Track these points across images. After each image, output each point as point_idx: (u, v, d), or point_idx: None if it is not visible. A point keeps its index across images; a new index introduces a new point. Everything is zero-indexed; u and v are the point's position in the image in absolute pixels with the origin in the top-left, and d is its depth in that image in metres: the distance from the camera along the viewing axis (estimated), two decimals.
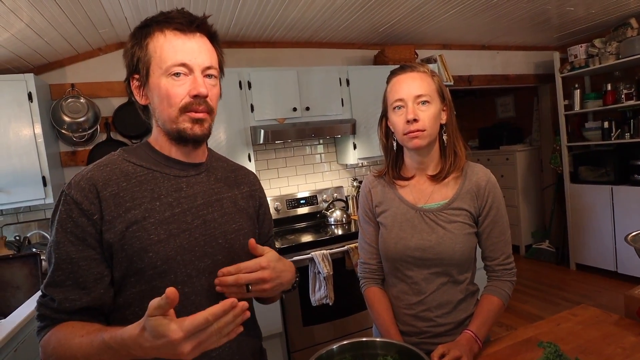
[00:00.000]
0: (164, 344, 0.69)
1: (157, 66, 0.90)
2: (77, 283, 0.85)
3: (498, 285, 1.27)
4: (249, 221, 1.08)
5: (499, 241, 1.27)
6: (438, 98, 1.24)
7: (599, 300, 3.71)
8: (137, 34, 0.94)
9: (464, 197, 1.25)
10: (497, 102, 6.03)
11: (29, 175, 2.53)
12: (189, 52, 0.90)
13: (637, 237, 1.27)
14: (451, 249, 1.21)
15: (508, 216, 1.31)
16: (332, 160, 3.82)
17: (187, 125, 0.92)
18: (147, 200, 0.91)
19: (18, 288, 2.23)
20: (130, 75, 0.95)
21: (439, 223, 1.24)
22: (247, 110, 3.05)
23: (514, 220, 5.19)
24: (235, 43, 3.41)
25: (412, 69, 1.24)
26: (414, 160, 1.31)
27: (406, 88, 1.22)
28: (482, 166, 1.32)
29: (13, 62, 2.65)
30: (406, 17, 3.21)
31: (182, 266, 0.91)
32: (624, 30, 3.77)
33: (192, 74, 0.91)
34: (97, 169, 0.92)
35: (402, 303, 1.30)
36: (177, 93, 0.90)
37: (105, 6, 2.33)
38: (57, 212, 0.88)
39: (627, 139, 3.90)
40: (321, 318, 2.93)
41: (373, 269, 1.38)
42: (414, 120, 1.19)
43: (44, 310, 0.86)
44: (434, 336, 1.26)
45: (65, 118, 2.82)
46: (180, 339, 0.68)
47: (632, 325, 1.23)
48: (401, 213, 1.28)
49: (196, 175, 1.01)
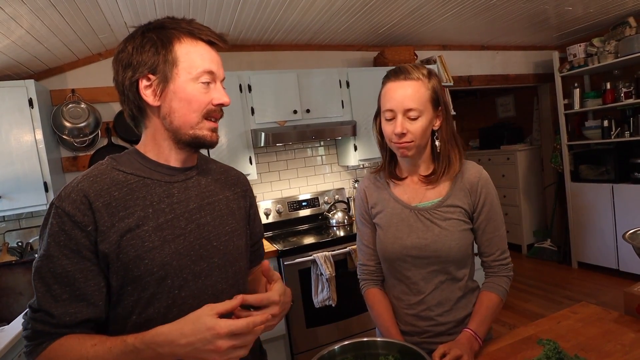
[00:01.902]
0: (205, 337, 0.75)
1: (186, 71, 0.92)
2: (74, 296, 0.84)
3: (495, 281, 1.28)
4: (241, 222, 1.09)
5: (494, 237, 1.28)
6: (431, 107, 1.21)
7: (601, 298, 3.70)
8: (157, 34, 0.92)
9: (458, 194, 1.26)
10: (498, 102, 6.04)
11: (30, 181, 2.54)
12: (216, 63, 0.96)
13: (635, 234, 1.27)
14: (447, 246, 1.22)
15: (510, 216, 1.32)
16: (333, 162, 3.83)
17: (206, 132, 0.95)
18: (139, 208, 0.91)
19: (21, 294, 2.24)
20: (141, 74, 0.91)
21: (434, 221, 1.24)
22: (247, 113, 3.07)
23: (516, 219, 5.18)
24: (235, 46, 3.43)
25: (407, 76, 1.20)
26: (405, 162, 1.32)
27: (397, 99, 1.19)
28: (474, 163, 1.32)
29: (13, 68, 2.67)
30: (405, 18, 3.23)
31: (179, 271, 0.92)
32: (622, 29, 3.78)
33: (214, 83, 0.95)
34: (87, 179, 0.90)
35: (403, 303, 1.31)
36: (204, 100, 0.93)
37: (105, 12, 2.35)
38: (48, 225, 0.86)
39: (627, 137, 3.90)
40: (324, 319, 2.93)
41: (372, 270, 1.39)
42: (402, 134, 1.19)
43: (39, 326, 0.83)
44: (435, 335, 1.27)
45: (66, 123, 2.83)
46: (224, 333, 0.75)
47: (631, 322, 1.24)
48: (396, 213, 1.29)
49: (187, 179, 1.00)
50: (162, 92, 0.92)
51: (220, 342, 0.75)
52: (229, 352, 0.76)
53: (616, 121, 4.02)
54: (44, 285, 0.83)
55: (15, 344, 1.75)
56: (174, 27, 0.93)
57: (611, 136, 4.01)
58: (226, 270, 1.00)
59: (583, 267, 4.47)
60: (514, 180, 5.21)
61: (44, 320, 0.83)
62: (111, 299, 0.90)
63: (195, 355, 0.75)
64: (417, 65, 1.26)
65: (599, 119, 4.21)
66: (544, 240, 5.05)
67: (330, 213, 3.49)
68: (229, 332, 0.75)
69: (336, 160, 3.84)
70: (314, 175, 3.77)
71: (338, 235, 3.11)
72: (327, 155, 3.81)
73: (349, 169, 3.87)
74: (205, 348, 0.75)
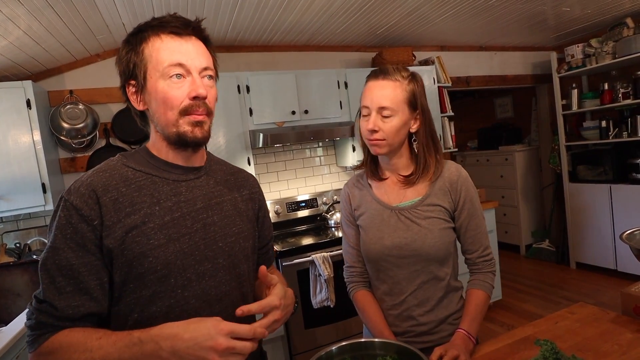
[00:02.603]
0: (208, 332, 0.75)
1: (154, 69, 0.90)
2: (78, 289, 0.84)
3: (480, 278, 1.29)
4: (248, 224, 1.08)
5: (477, 234, 1.29)
6: (407, 108, 1.23)
7: (600, 298, 3.71)
8: (131, 40, 0.93)
9: (437, 193, 1.27)
10: (496, 102, 6.05)
11: (28, 182, 2.54)
12: (185, 54, 0.91)
13: (632, 235, 1.28)
14: (427, 244, 1.23)
15: (508, 216, 1.33)
16: (331, 162, 3.84)
17: (187, 128, 0.92)
18: (146, 205, 0.91)
19: (19, 295, 2.23)
20: (125, 81, 0.94)
21: (414, 220, 1.25)
22: (245, 114, 3.07)
23: (514, 220, 5.19)
24: (233, 47, 3.43)
25: (386, 76, 1.24)
26: (383, 162, 1.33)
27: (373, 97, 1.23)
28: (453, 162, 1.34)
29: (11, 69, 2.67)
30: (403, 19, 3.23)
31: (182, 270, 0.91)
32: (619, 29, 3.79)
33: (189, 75, 0.91)
34: (97, 174, 0.91)
35: (386, 304, 1.32)
36: (176, 96, 0.90)
37: (102, 13, 2.35)
38: (56, 218, 0.86)
39: (625, 137, 3.91)
40: (323, 320, 2.93)
41: (359, 272, 1.39)
42: (374, 130, 1.22)
43: (43, 318, 0.83)
44: (417, 335, 1.28)
45: (64, 124, 2.82)
46: (225, 331, 0.76)
47: (628, 322, 1.24)
48: (377, 214, 1.30)
49: (195, 179, 1.00)
50: (142, 96, 0.93)
51: (220, 339, 0.75)
52: (226, 354, 0.75)
53: (614, 122, 4.03)
54: (49, 276, 0.84)
55: (14, 345, 1.75)
56: (144, 27, 0.92)
57: (609, 137, 4.02)
58: (231, 271, 1.00)
59: (581, 267, 4.48)
60: (512, 181, 5.22)
61: (48, 312, 0.83)
62: (113, 296, 0.90)
63: (194, 353, 0.75)
64: (399, 67, 1.27)
65: (597, 120, 4.21)
66: (542, 241, 5.06)
67: (329, 214, 3.49)
68: (230, 330, 0.76)
69: (334, 161, 3.84)
70: (313, 176, 3.77)
71: (336, 236, 3.10)
72: (325, 156, 3.81)
73: (348, 169, 3.87)
74: (205, 344, 0.74)
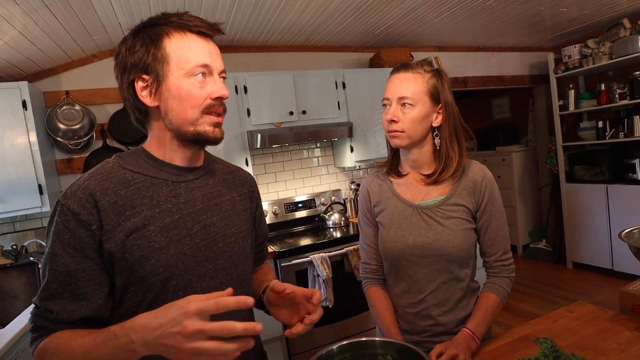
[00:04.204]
0: (174, 317, 0.68)
1: (177, 67, 0.89)
2: (75, 294, 0.83)
3: (496, 282, 1.27)
4: (246, 224, 1.08)
5: (497, 237, 1.27)
6: (428, 100, 1.23)
7: (596, 297, 3.72)
8: (147, 32, 0.90)
9: (461, 193, 1.26)
10: (493, 103, 6.07)
11: (24, 183, 2.53)
12: (209, 55, 0.92)
13: (631, 233, 1.28)
14: (449, 244, 1.22)
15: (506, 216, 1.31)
16: (329, 163, 3.83)
17: (208, 128, 0.92)
18: (146, 207, 0.90)
19: (16, 297, 2.22)
20: (136, 75, 0.90)
21: (437, 219, 1.24)
22: (243, 115, 3.06)
23: (511, 220, 5.20)
24: (230, 47, 3.42)
25: (408, 69, 1.24)
26: (405, 157, 1.32)
27: (393, 88, 1.23)
28: (478, 162, 1.32)
29: (6, 70, 2.65)
30: (401, 19, 3.23)
31: (184, 272, 0.91)
32: (616, 30, 3.80)
33: (211, 76, 0.92)
34: (93, 177, 0.89)
35: (404, 302, 1.31)
36: (200, 95, 0.90)
37: (98, 13, 2.34)
38: (53, 223, 0.85)
39: (621, 138, 3.92)
40: (321, 321, 2.84)
41: (373, 269, 1.39)
42: (393, 120, 1.22)
43: (40, 322, 0.84)
44: (435, 335, 1.27)
45: (61, 125, 2.81)
46: (192, 311, 0.68)
47: (627, 320, 1.24)
48: (399, 211, 1.29)
49: (194, 179, 0.99)
50: (158, 92, 0.90)
51: (187, 322, 0.67)
52: (194, 338, 0.68)
53: (611, 122, 4.04)
54: (47, 282, 0.84)
55: (11, 347, 1.74)
56: (163, 22, 0.91)
57: (606, 137, 4.04)
58: (231, 272, 0.99)
59: (578, 267, 4.49)
60: (510, 181, 5.24)
61: (44, 316, 0.84)
62: (115, 299, 0.89)
63: (162, 342, 0.69)
64: (423, 62, 1.27)
65: (594, 120, 4.23)
66: (539, 241, 5.07)
67: (327, 214, 3.49)
68: (197, 309, 0.68)
69: (332, 162, 3.84)
70: (311, 177, 3.76)
71: (334, 237, 3.10)
72: (323, 156, 3.81)
73: (346, 170, 3.87)
74: (172, 330, 0.68)
